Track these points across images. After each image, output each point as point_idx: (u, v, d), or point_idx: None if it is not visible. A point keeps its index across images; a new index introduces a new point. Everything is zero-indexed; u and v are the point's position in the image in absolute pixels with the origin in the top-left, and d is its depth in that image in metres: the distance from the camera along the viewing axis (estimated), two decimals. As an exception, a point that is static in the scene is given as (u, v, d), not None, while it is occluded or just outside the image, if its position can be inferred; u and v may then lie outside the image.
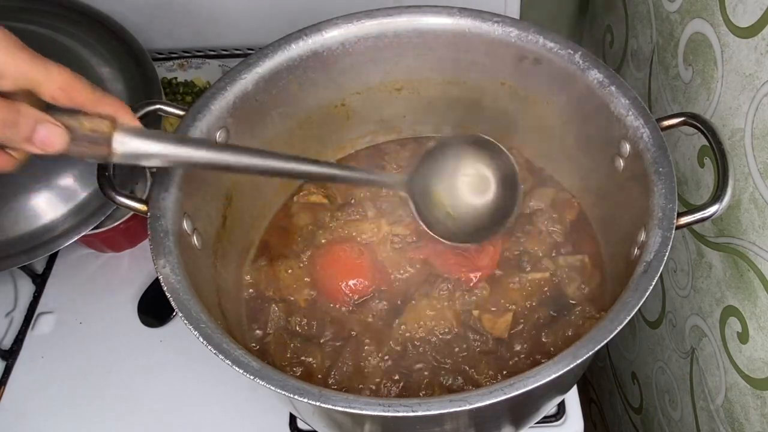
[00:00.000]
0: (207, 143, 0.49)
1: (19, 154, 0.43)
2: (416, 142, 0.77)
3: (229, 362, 0.46)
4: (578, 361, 0.45)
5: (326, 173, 0.58)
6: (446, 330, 0.63)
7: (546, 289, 0.65)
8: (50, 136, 0.41)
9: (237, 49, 1.02)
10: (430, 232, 0.63)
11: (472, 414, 0.46)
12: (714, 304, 0.70)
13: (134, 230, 0.84)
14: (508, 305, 0.64)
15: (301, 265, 0.68)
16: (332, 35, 0.65)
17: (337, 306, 0.65)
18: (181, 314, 0.49)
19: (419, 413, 0.44)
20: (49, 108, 0.43)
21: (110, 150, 0.45)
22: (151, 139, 0.46)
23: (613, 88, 0.59)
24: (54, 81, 0.41)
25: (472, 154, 0.64)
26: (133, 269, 0.85)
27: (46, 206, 0.72)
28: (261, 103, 0.65)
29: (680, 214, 0.52)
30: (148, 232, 0.53)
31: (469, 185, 0.64)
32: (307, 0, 0.93)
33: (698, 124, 0.56)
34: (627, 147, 0.59)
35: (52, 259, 0.87)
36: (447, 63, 0.69)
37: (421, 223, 0.63)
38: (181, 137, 0.49)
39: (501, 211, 0.64)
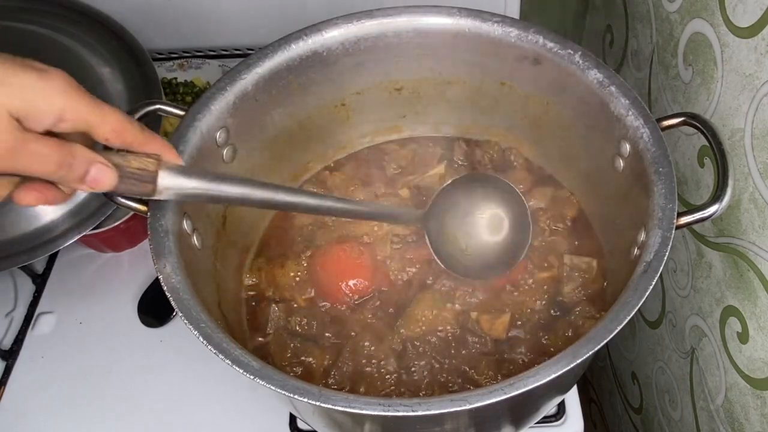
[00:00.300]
0: (247, 181, 0.52)
1: (69, 189, 0.45)
2: (416, 142, 0.77)
3: (229, 362, 0.46)
4: (578, 361, 0.45)
5: (352, 210, 0.60)
6: (445, 330, 0.63)
7: (546, 287, 0.65)
8: (101, 177, 0.44)
9: (237, 49, 1.02)
10: (445, 267, 0.64)
11: (472, 414, 0.47)
12: (714, 304, 0.70)
13: (134, 230, 0.84)
14: (505, 307, 0.64)
15: (301, 265, 0.68)
16: (332, 35, 0.65)
17: (337, 306, 0.65)
18: (181, 314, 0.49)
19: (419, 413, 0.44)
20: (97, 146, 0.46)
21: (155, 187, 0.47)
22: (194, 176, 0.49)
23: (613, 88, 0.59)
24: (108, 123, 0.44)
25: (485, 193, 0.65)
26: (133, 269, 0.85)
27: (46, 206, 0.72)
28: (261, 103, 0.65)
29: (680, 214, 0.52)
30: (148, 232, 0.53)
31: (483, 224, 0.66)
32: (307, 0, 0.93)
33: (698, 124, 0.56)
34: (627, 147, 0.59)
35: (52, 259, 0.87)
36: (447, 63, 0.69)
37: (437, 259, 0.64)
38: (221, 175, 0.51)
39: (512, 248, 0.64)
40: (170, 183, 0.48)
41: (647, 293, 0.48)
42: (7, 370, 0.78)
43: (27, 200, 0.43)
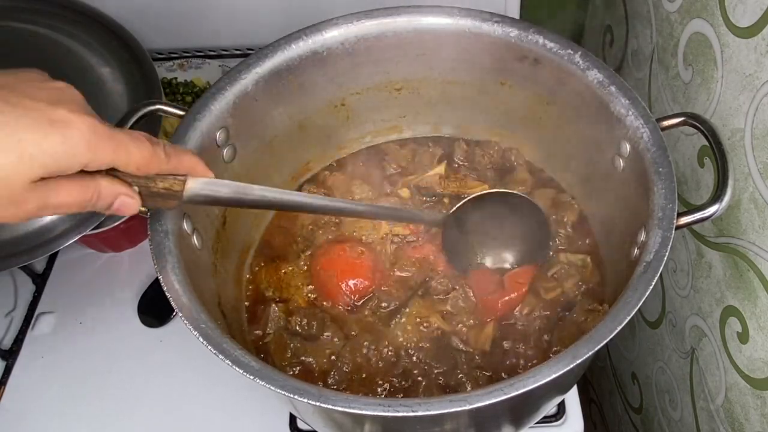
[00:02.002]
0: (267, 190, 0.53)
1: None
2: (416, 142, 0.77)
3: (229, 362, 0.46)
4: (578, 361, 0.45)
5: (377, 212, 0.64)
6: (444, 331, 0.63)
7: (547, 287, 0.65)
8: (124, 208, 0.46)
9: (237, 49, 1.02)
10: (449, 262, 0.66)
11: (472, 414, 0.46)
12: (714, 304, 0.70)
13: (134, 230, 0.84)
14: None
15: (301, 265, 0.68)
16: (332, 35, 0.65)
17: (337, 306, 0.65)
18: (181, 314, 0.49)
19: (419, 413, 0.44)
20: None
21: (180, 202, 0.49)
22: (221, 186, 0.51)
23: (613, 88, 0.59)
24: (132, 161, 0.44)
25: (515, 218, 0.66)
26: (133, 269, 0.85)
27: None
28: (261, 103, 0.65)
29: (680, 214, 0.52)
30: (148, 232, 0.53)
31: (502, 245, 0.67)
32: (307, 0, 0.93)
33: (698, 124, 0.56)
34: (627, 147, 0.59)
35: (52, 259, 0.87)
36: (447, 63, 0.69)
37: (444, 256, 0.66)
38: (245, 186, 0.52)
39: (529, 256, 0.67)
40: (197, 193, 0.49)
41: (647, 293, 0.48)
42: (7, 370, 0.78)
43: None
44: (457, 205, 0.66)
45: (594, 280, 0.66)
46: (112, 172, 0.45)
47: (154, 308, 0.81)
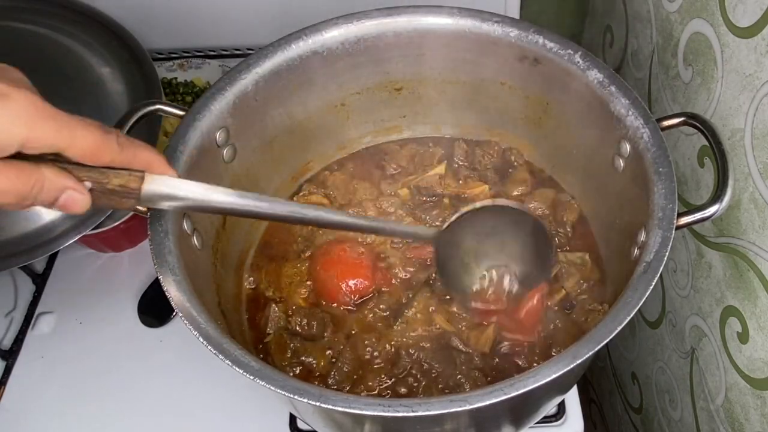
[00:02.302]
0: (234, 193, 0.49)
1: None
2: (416, 142, 0.77)
3: (229, 362, 0.46)
4: (578, 361, 0.45)
5: (346, 222, 0.57)
6: (444, 332, 0.63)
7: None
8: (71, 204, 0.42)
9: (237, 49, 1.02)
10: (444, 286, 0.64)
11: (472, 414, 0.46)
12: (714, 304, 0.70)
13: (134, 230, 0.84)
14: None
15: (301, 265, 0.68)
16: (332, 35, 0.65)
17: (337, 306, 0.65)
18: (181, 314, 0.49)
19: (419, 413, 0.44)
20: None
21: (137, 202, 0.46)
22: (180, 187, 0.47)
23: (613, 88, 0.59)
24: (78, 146, 0.40)
25: (514, 238, 0.64)
26: (133, 269, 0.85)
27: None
28: (261, 103, 0.65)
29: (680, 214, 0.52)
30: (148, 232, 0.53)
31: (501, 266, 0.64)
32: (307, 0, 0.93)
33: (698, 124, 0.56)
34: (627, 147, 0.59)
35: (52, 259, 0.87)
36: (447, 63, 0.69)
37: (439, 277, 0.64)
38: (213, 188, 0.49)
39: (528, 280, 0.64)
40: (156, 195, 0.46)
41: (647, 293, 0.48)
42: (7, 370, 0.78)
43: None
44: (450, 220, 0.63)
45: (594, 277, 0.66)
46: (59, 164, 0.41)
47: (154, 308, 0.81)
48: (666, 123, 0.57)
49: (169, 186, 0.46)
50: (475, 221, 0.63)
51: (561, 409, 0.72)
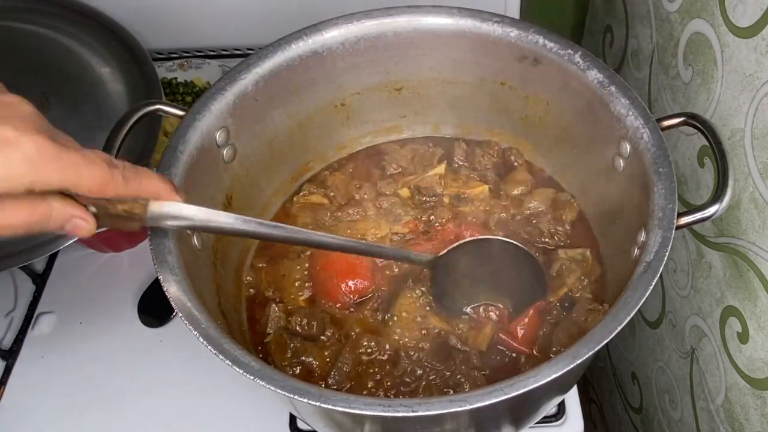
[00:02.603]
0: (237, 217, 0.51)
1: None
2: (416, 142, 0.77)
3: (229, 362, 0.46)
4: (578, 361, 0.45)
5: (344, 245, 0.58)
6: (443, 332, 0.63)
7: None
8: (78, 229, 0.44)
9: (237, 49, 1.02)
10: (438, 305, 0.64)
11: (472, 414, 0.46)
12: (714, 304, 0.70)
13: (134, 230, 0.83)
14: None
15: (301, 265, 0.68)
16: (332, 35, 0.65)
17: (337, 306, 0.65)
18: (181, 314, 0.49)
19: (419, 413, 0.44)
20: None
21: (140, 225, 0.47)
22: (184, 211, 0.48)
23: (613, 88, 0.59)
24: (84, 183, 0.42)
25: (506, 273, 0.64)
26: (133, 269, 0.85)
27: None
28: (261, 103, 0.65)
29: (680, 214, 0.52)
30: (148, 232, 0.53)
31: (496, 292, 0.64)
32: (307, 0, 0.93)
33: (698, 124, 0.56)
34: (627, 147, 0.59)
35: (52, 259, 0.87)
36: (447, 63, 0.69)
37: (434, 299, 0.64)
38: (214, 212, 0.50)
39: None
40: (160, 217, 0.47)
41: (647, 293, 0.48)
42: (7, 370, 0.78)
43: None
44: (445, 251, 0.63)
45: (595, 273, 0.66)
46: (67, 193, 0.43)
47: (154, 308, 0.81)
48: (666, 123, 0.58)
49: (173, 208, 0.48)
50: (467, 252, 0.64)
51: (561, 409, 0.72)
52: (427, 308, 0.64)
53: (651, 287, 0.48)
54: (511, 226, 0.69)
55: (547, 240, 0.68)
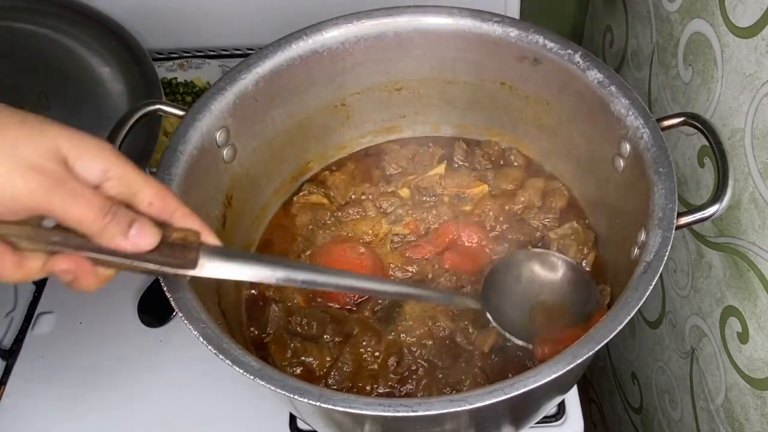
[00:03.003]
0: (285, 264, 0.49)
1: (104, 272, 0.43)
2: (416, 142, 0.77)
3: (229, 362, 0.46)
4: (578, 361, 0.45)
5: (404, 292, 0.58)
6: (443, 332, 0.63)
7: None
8: (144, 233, 0.42)
9: (237, 49, 1.02)
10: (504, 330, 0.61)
11: (472, 414, 0.46)
12: (714, 304, 0.70)
13: (134, 230, 0.83)
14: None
15: (301, 265, 0.68)
16: (332, 35, 0.65)
17: (337, 306, 0.65)
18: (181, 314, 0.49)
19: (419, 413, 0.44)
20: None
21: (197, 256, 0.44)
22: (233, 259, 0.46)
23: (613, 88, 0.59)
24: (151, 188, 0.42)
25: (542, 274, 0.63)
26: (133, 269, 0.85)
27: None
28: (261, 103, 0.65)
29: (680, 214, 0.52)
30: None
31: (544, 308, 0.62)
32: (307, 0, 0.93)
33: (698, 124, 0.56)
34: (627, 147, 0.59)
35: (52, 259, 0.87)
36: (447, 63, 0.69)
37: (497, 326, 0.60)
38: (260, 257, 0.50)
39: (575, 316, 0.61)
40: (210, 265, 0.45)
41: (647, 293, 0.48)
42: (7, 370, 0.78)
43: (60, 267, 0.41)
44: (485, 278, 0.61)
45: (590, 239, 0.66)
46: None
47: (154, 308, 0.81)
48: (666, 123, 0.58)
49: (222, 254, 0.46)
50: (508, 271, 0.63)
51: (561, 409, 0.72)
52: (434, 305, 0.64)
53: (651, 287, 0.48)
54: (511, 225, 0.69)
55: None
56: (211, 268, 0.45)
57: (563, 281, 0.63)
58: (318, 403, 0.44)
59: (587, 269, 0.66)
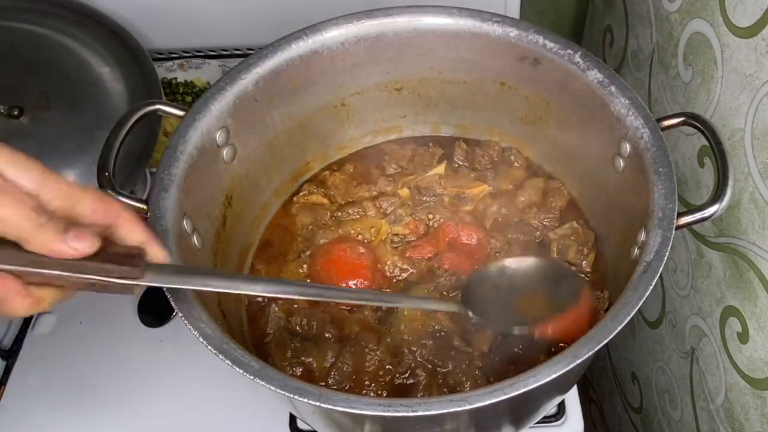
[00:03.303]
0: (234, 276, 0.51)
1: (38, 292, 0.41)
2: (416, 142, 0.77)
3: (229, 362, 0.46)
4: (578, 361, 0.45)
5: (348, 297, 0.59)
6: (444, 331, 0.63)
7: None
8: (83, 235, 0.39)
9: (237, 49, 1.02)
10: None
11: (472, 414, 0.46)
12: (714, 304, 0.70)
13: (134, 230, 0.83)
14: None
15: (301, 265, 0.68)
16: (332, 35, 0.65)
17: (337, 306, 0.65)
18: (181, 314, 0.49)
19: (419, 413, 0.44)
20: None
21: (143, 270, 0.43)
22: (179, 274, 0.46)
23: (613, 88, 0.59)
24: (92, 194, 0.41)
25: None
26: (133, 269, 0.85)
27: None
28: (261, 103, 0.65)
29: (680, 214, 0.52)
30: (149, 233, 0.53)
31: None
32: (307, 0, 0.93)
33: (698, 124, 0.56)
34: (627, 147, 0.59)
35: (52, 259, 0.87)
36: (447, 63, 0.69)
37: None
38: (209, 271, 0.49)
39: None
40: (155, 274, 0.44)
41: (647, 293, 0.48)
42: (7, 370, 0.78)
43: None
44: (466, 284, 0.62)
45: (590, 239, 0.66)
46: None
47: (154, 308, 0.81)
48: (666, 123, 0.58)
49: (166, 272, 0.45)
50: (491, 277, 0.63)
51: (561, 409, 0.72)
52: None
53: (651, 287, 0.48)
54: (511, 225, 0.69)
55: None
56: (157, 277, 0.43)
57: (537, 273, 0.62)
58: (318, 403, 0.44)
59: (587, 270, 0.66)
